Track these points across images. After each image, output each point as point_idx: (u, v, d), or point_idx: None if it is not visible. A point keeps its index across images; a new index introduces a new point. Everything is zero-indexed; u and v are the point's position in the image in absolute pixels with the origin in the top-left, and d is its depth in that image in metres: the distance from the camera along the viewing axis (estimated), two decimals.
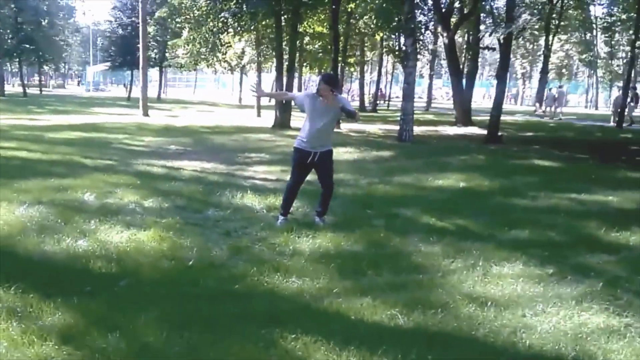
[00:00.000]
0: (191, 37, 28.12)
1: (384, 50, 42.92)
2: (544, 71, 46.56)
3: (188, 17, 27.41)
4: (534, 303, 5.31)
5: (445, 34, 28.91)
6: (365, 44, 47.50)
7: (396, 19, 27.04)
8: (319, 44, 37.07)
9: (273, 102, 33.04)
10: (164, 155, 15.28)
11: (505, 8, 28.53)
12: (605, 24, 57.53)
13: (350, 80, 67.06)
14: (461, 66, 33.60)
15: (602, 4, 53.85)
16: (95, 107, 37.60)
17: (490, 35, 24.72)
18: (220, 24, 25.16)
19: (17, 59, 53.51)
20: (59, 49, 61.34)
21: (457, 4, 28.60)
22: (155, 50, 49.38)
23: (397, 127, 22.00)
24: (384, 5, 27.24)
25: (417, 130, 22.88)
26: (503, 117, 22.15)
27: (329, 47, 35.86)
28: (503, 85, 22.90)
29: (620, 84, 52.71)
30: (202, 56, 30.88)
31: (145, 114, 29.74)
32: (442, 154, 16.77)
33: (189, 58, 33.37)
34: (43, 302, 4.90)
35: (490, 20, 29.86)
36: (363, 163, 14.95)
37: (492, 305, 5.22)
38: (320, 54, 38.60)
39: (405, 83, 21.01)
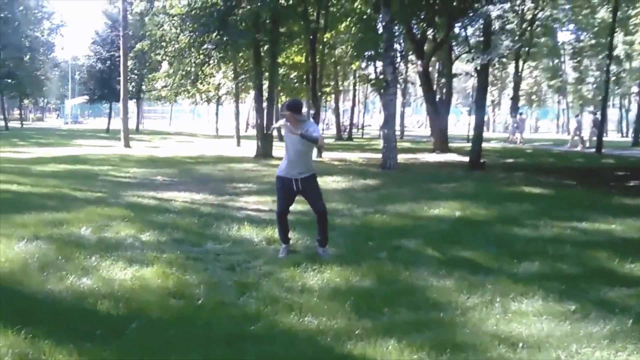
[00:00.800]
0: (172, 69, 27.99)
1: (359, 78, 43.04)
2: (515, 98, 46.88)
3: (168, 50, 27.23)
4: (565, 343, 5.08)
5: (419, 62, 28.97)
6: (339, 74, 47.66)
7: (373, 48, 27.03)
8: (295, 73, 37.02)
9: (253, 132, 33.00)
10: (152, 186, 15.04)
11: (478, 35, 28.99)
12: (574, 50, 58.18)
13: (325, 109, 67.12)
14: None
15: (570, 30, 54.55)
16: (76, 140, 37.56)
17: (469, 62, 24.75)
18: (202, 56, 25.02)
19: None
20: (40, 83, 61.24)
21: (430, 32, 28.65)
22: (132, 83, 49.28)
23: (376, 155, 22.15)
24: (360, 35, 27.26)
25: (398, 157, 22.77)
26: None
27: (304, 76, 36.05)
28: (482, 112, 22.97)
29: (591, 108, 53.29)
30: (183, 88, 30.79)
31: (127, 145, 29.61)
32: (429, 182, 16.61)
33: (170, 90, 33.29)
34: (55, 348, 4.65)
35: (463, 48, 30.19)
36: (353, 192, 14.76)
37: (524, 347, 4.99)
38: (297, 84, 38.63)
39: (386, 111, 20.90)
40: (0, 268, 6.86)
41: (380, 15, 21.54)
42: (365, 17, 25.90)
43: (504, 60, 49.36)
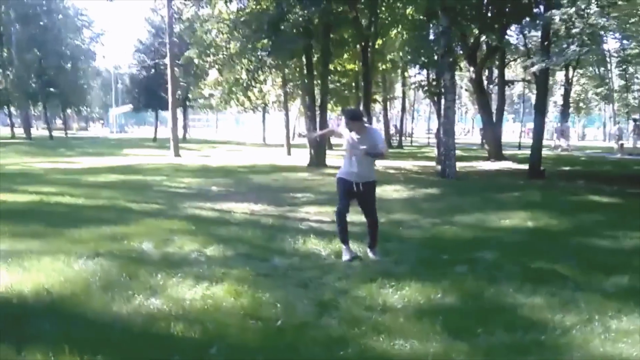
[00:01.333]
0: (224, 77, 27.78)
1: (414, 86, 42.62)
2: (565, 105, 45.92)
3: (218, 56, 26.96)
4: None
5: (472, 69, 28.40)
6: (387, 81, 47.38)
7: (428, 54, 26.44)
8: (344, 80, 36.71)
9: (299, 141, 32.69)
10: (208, 197, 14.70)
11: (532, 41, 28.43)
12: (620, 58, 56.77)
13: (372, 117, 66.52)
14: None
15: (616, 39, 53.18)
16: (124, 149, 37.09)
17: (527, 68, 24.15)
18: (254, 62, 24.72)
19: (42, 103, 53.36)
20: (83, 92, 61.49)
21: (483, 39, 28.07)
22: (179, 91, 49.28)
23: (430, 163, 22.82)
24: (415, 41, 26.70)
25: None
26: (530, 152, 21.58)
27: (352, 83, 35.73)
28: (542, 119, 22.44)
29: (638, 116, 52.29)
30: (233, 95, 30.53)
31: (177, 154, 29.25)
32: (491, 191, 16.10)
33: (221, 98, 33.10)
34: None
35: (515, 54, 29.39)
36: (415, 202, 14.34)
37: None
38: (346, 91, 38.45)
39: (445, 118, 20.37)
40: (62, 289, 6.40)
41: (437, 22, 21.19)
42: (417, 23, 25.31)
43: (553, 67, 48.59)
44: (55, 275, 6.79)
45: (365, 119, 8.55)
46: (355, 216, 8.86)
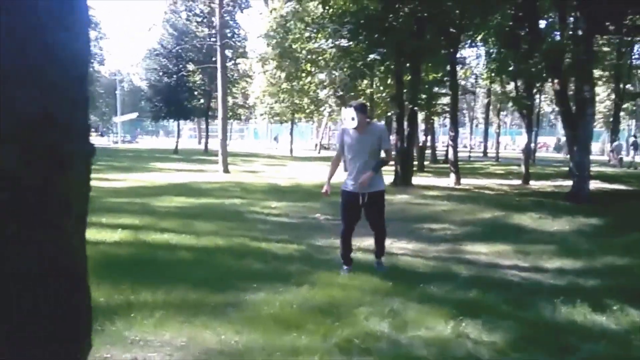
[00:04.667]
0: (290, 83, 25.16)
1: (495, 97, 39.91)
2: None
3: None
4: None
5: (556, 81, 25.45)
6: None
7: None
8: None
9: (325, 153, 30.61)
10: (327, 229, 11.36)
11: None
12: None
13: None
14: None
15: None
16: (152, 162, 33.06)
17: None
18: (357, 66, 22.04)
19: None
20: (93, 98, 58.25)
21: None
22: (202, 100, 46.11)
23: (508, 181, 22.84)
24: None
25: (538, 184, 21.84)
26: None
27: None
28: None
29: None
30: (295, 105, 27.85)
31: (226, 170, 25.91)
32: None
33: (288, 107, 30.46)
34: None
35: None
36: (595, 238, 11.10)
37: None
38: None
39: (583, 134, 17.27)
40: None
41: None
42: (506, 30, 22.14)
43: None
44: None
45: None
46: None
